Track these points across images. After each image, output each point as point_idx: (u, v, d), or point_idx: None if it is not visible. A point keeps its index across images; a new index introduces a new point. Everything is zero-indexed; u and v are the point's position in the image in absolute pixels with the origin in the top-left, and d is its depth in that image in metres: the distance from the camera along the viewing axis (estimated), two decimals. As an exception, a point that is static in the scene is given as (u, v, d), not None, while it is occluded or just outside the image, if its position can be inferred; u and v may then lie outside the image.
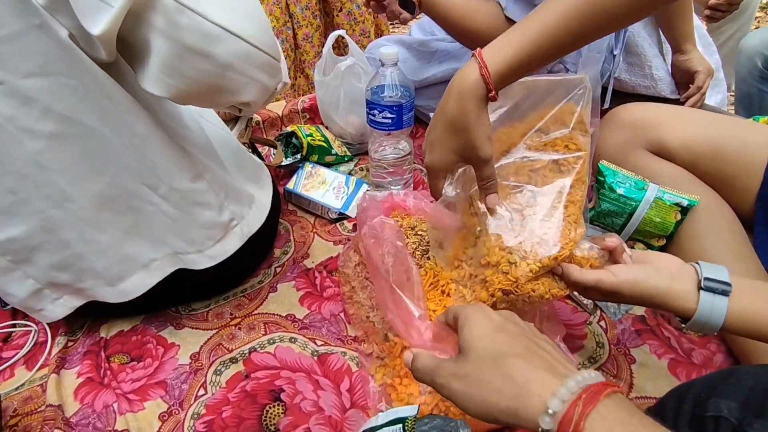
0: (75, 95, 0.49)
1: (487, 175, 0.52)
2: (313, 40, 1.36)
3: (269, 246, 0.82)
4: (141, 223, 0.60)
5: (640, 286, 0.46)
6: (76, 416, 0.59)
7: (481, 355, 0.34)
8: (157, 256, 0.62)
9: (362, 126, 1.02)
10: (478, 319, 0.37)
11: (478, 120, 0.50)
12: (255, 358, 0.65)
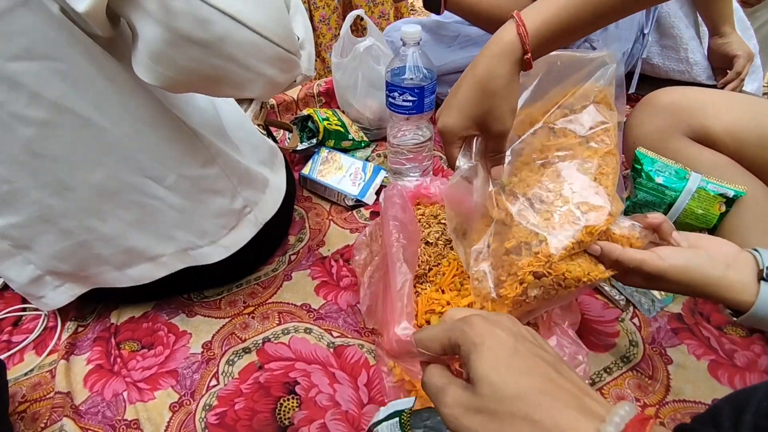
0: (66, 81, 0.45)
1: (498, 149, 0.49)
2: (330, 22, 1.32)
3: (284, 233, 0.79)
4: (146, 218, 0.56)
5: (690, 273, 0.42)
6: (85, 404, 0.58)
7: (498, 392, 0.28)
8: (166, 252, 0.60)
9: (380, 110, 0.98)
10: (486, 343, 0.30)
11: (508, 87, 0.46)
12: (269, 349, 0.62)
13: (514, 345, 0.30)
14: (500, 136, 0.48)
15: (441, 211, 0.67)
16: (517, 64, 0.46)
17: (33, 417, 0.57)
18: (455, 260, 0.61)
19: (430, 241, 0.63)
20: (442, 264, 0.61)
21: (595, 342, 0.61)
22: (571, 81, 0.51)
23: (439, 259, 0.62)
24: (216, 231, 0.61)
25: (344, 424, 0.54)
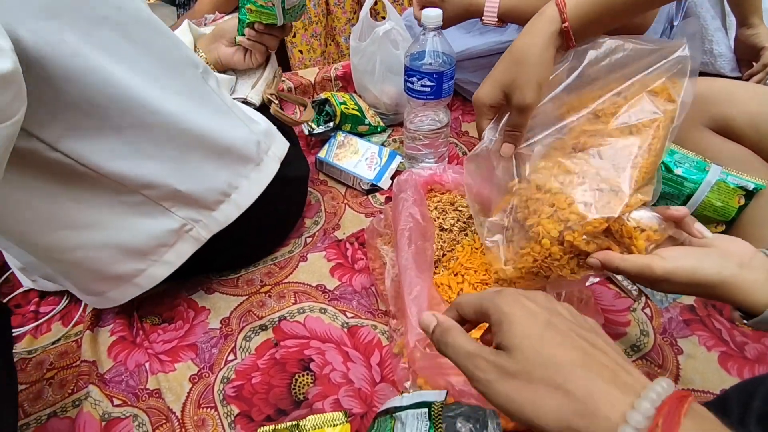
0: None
1: (517, 124, 0.49)
2: (345, 6, 1.31)
3: (297, 216, 0.80)
4: (83, 270, 0.54)
5: (697, 273, 0.41)
6: (109, 373, 0.60)
7: (531, 360, 0.29)
8: (118, 286, 0.58)
9: (397, 96, 0.98)
10: (518, 313, 0.31)
11: (540, 58, 0.46)
12: (284, 327, 0.64)
13: (548, 318, 0.31)
14: (521, 109, 0.48)
15: (458, 198, 0.68)
16: (553, 35, 0.46)
17: (61, 383, 0.60)
18: (469, 246, 0.62)
19: (445, 227, 0.64)
20: (456, 249, 0.62)
21: (606, 331, 0.61)
22: (633, 69, 0.49)
23: (453, 244, 0.63)
24: (154, 251, 0.57)
25: (357, 401, 0.56)
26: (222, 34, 0.71)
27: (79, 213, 0.50)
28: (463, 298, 0.36)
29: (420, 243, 0.54)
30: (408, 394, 0.46)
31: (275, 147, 0.66)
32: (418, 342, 0.46)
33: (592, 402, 0.26)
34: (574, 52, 0.50)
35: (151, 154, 0.51)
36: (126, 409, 0.56)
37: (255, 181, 0.62)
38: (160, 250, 0.57)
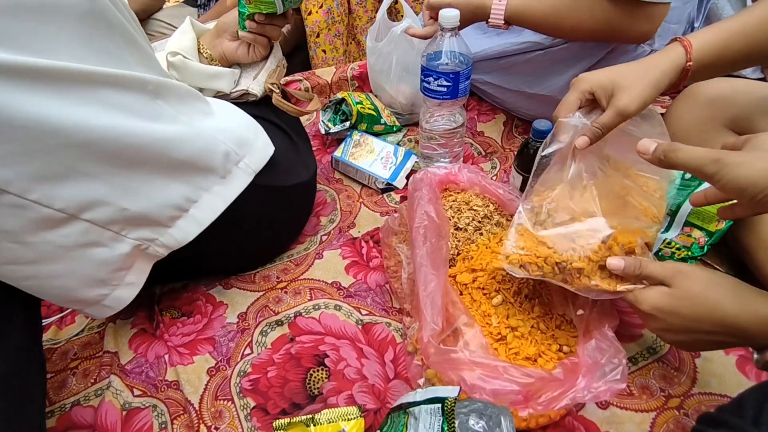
0: None
1: (606, 124, 0.51)
2: (367, 5, 1.32)
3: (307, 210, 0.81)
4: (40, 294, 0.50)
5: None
6: (130, 364, 0.62)
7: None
8: (84, 310, 0.55)
9: (413, 95, 0.99)
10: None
11: (657, 81, 0.51)
12: (300, 323, 0.65)
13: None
14: (619, 112, 0.51)
15: (473, 198, 0.68)
16: (675, 71, 0.51)
17: (84, 373, 0.62)
18: (484, 245, 0.62)
19: (460, 227, 0.64)
20: (470, 249, 0.62)
21: (621, 332, 0.61)
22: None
23: (468, 243, 0.63)
24: (113, 276, 0.53)
25: (371, 397, 0.56)
26: (224, 28, 0.70)
27: (19, 252, 0.45)
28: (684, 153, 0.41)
29: (435, 240, 0.55)
30: (421, 390, 0.47)
31: (250, 158, 0.60)
32: (432, 337, 0.47)
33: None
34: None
35: (87, 173, 0.45)
36: (146, 400, 0.58)
37: (218, 194, 0.57)
38: (118, 274, 0.53)
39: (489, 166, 0.92)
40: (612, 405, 0.54)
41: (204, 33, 0.72)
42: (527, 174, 0.77)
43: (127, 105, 0.47)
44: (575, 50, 0.85)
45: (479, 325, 0.53)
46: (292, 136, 0.75)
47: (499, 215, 0.66)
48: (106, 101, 0.45)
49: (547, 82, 0.90)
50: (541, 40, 0.91)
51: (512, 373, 0.41)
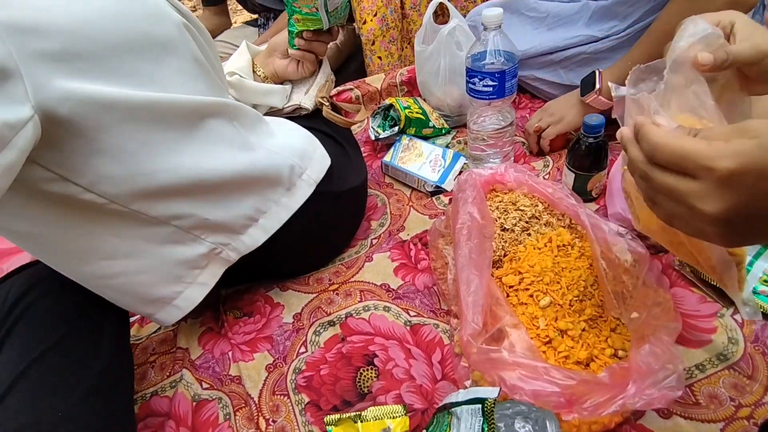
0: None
1: (737, 53, 0.42)
2: (421, 8, 1.33)
3: (359, 216, 0.83)
4: (123, 294, 0.57)
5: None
6: (199, 359, 0.68)
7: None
8: (155, 312, 0.60)
9: (461, 97, 0.99)
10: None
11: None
12: (351, 323, 0.67)
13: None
14: (757, 48, 0.42)
15: (520, 198, 0.67)
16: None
17: (161, 366, 0.68)
18: (532, 246, 0.61)
19: (507, 227, 0.64)
20: (518, 250, 0.61)
21: (687, 337, 0.57)
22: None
23: (515, 244, 0.62)
24: (188, 273, 0.59)
25: (418, 397, 0.57)
26: (275, 47, 0.76)
27: (117, 245, 0.53)
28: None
29: (478, 240, 0.55)
30: (463, 390, 0.47)
31: (311, 170, 0.66)
32: (471, 336, 0.47)
33: None
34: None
35: (181, 195, 0.53)
36: (212, 392, 0.63)
37: (284, 205, 0.63)
38: (193, 272, 0.60)
39: (541, 164, 0.90)
40: (675, 414, 0.51)
41: (257, 53, 0.78)
42: (579, 171, 0.75)
43: (225, 135, 0.56)
44: (630, 42, 0.81)
45: (526, 327, 0.52)
46: (342, 144, 0.79)
47: (549, 215, 0.65)
48: (210, 134, 0.54)
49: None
50: (595, 33, 0.87)
51: (554, 374, 0.40)
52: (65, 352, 0.48)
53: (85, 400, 0.46)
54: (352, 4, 1.30)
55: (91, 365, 0.48)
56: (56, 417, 0.43)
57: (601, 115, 0.71)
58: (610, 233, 0.60)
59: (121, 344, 0.57)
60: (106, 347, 0.52)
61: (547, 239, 0.61)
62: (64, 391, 0.45)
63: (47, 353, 0.47)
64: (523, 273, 0.58)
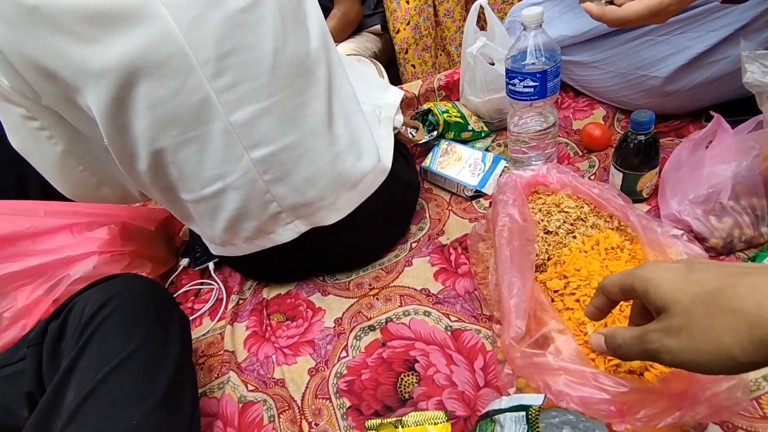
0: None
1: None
2: (454, 15, 1.33)
3: (407, 223, 0.84)
4: (354, 141, 0.66)
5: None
6: (245, 362, 0.70)
7: (687, 304, 0.30)
8: (367, 169, 0.68)
9: (500, 103, 0.97)
10: (659, 274, 0.33)
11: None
12: (391, 328, 0.67)
13: (686, 267, 0.32)
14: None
15: (564, 199, 0.64)
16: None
17: (209, 368, 0.71)
18: (577, 249, 0.58)
19: (550, 230, 0.61)
20: (562, 253, 0.59)
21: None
22: None
23: (559, 248, 0.60)
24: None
25: (460, 404, 0.56)
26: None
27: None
28: (607, 281, 0.38)
29: (520, 243, 0.53)
30: (507, 397, 0.46)
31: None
32: (514, 340, 0.45)
33: (762, 309, 0.27)
34: None
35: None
36: (258, 395, 0.65)
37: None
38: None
39: (586, 165, 0.86)
40: (739, 429, 0.47)
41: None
42: (628, 171, 0.71)
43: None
44: (696, 27, 0.76)
45: (572, 333, 0.50)
46: (400, 148, 0.82)
47: (596, 216, 0.62)
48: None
49: (666, 62, 0.81)
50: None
51: (603, 380, 0.38)
52: (139, 362, 0.50)
53: (156, 410, 0.48)
54: (386, 14, 1.32)
55: (160, 376, 0.51)
56: (131, 425, 0.45)
57: (651, 111, 0.68)
58: (663, 235, 0.57)
59: (186, 353, 0.60)
60: (173, 357, 0.54)
61: (594, 242, 0.59)
62: (138, 400, 0.47)
63: (124, 362, 0.49)
64: (569, 277, 0.56)
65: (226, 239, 0.69)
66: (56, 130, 0.58)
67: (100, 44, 0.48)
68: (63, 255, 0.76)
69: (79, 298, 0.56)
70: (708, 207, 0.62)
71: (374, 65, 1.02)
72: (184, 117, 0.54)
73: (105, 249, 0.80)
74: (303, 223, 0.68)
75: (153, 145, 0.56)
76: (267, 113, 0.57)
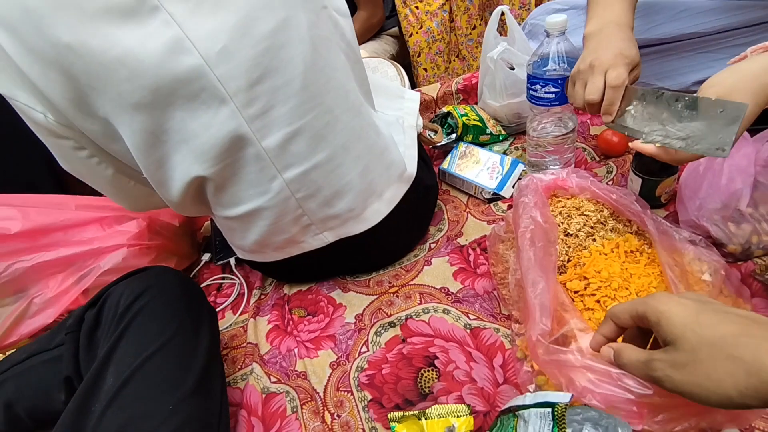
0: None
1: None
2: (472, 21, 1.35)
3: (426, 224, 0.86)
4: (375, 157, 0.67)
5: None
6: (267, 354, 0.72)
7: (694, 344, 0.34)
8: (390, 184, 0.70)
9: (519, 107, 0.98)
10: (673, 308, 0.36)
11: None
12: (411, 325, 0.69)
13: (701, 306, 0.36)
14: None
15: (583, 203, 0.66)
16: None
17: (232, 360, 0.73)
18: (597, 251, 0.60)
19: (570, 233, 0.63)
20: (582, 255, 0.60)
21: None
22: None
23: (579, 250, 0.61)
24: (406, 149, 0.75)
25: (480, 399, 0.58)
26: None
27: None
28: (617, 308, 0.41)
29: (543, 244, 0.55)
30: (531, 393, 0.47)
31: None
32: (541, 336, 0.47)
33: (759, 361, 0.30)
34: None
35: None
36: (280, 386, 0.67)
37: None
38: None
39: (604, 170, 0.88)
40: (757, 429, 0.48)
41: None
42: (647, 176, 0.73)
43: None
44: (718, 49, 0.78)
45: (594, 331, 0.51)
46: (423, 156, 0.83)
47: (615, 221, 0.63)
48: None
49: (684, 77, 0.83)
50: (681, 31, 0.82)
51: (627, 382, 0.39)
52: (173, 351, 0.52)
53: (190, 396, 0.50)
54: (399, 18, 1.34)
55: (193, 364, 0.53)
56: (166, 410, 0.48)
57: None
58: (680, 241, 0.58)
59: (215, 343, 0.62)
60: (204, 347, 0.56)
61: (614, 245, 0.60)
62: (173, 386, 0.50)
63: (160, 350, 0.51)
64: (589, 278, 0.57)
65: (256, 249, 0.71)
66: (104, 156, 0.59)
67: (132, 82, 0.49)
68: (93, 246, 0.79)
69: (114, 288, 0.58)
70: (726, 213, 0.63)
71: (395, 67, 1.04)
72: (218, 147, 0.55)
73: (133, 242, 0.82)
74: (331, 234, 0.70)
75: (188, 175, 0.57)
76: (299, 134, 0.58)
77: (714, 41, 0.78)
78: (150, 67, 0.48)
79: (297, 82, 0.55)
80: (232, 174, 0.59)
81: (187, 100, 0.51)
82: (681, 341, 0.34)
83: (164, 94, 0.50)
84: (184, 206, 0.63)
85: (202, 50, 0.49)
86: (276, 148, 0.58)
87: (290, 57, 0.54)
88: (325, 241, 0.70)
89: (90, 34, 0.46)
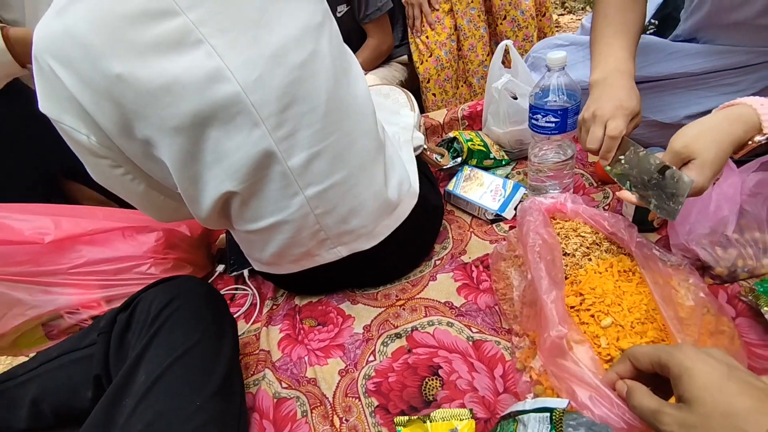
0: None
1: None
2: (477, 50, 1.42)
3: (431, 243, 0.90)
4: (389, 172, 0.73)
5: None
6: (279, 362, 0.75)
7: (710, 410, 0.33)
8: (402, 198, 0.75)
9: (521, 134, 1.04)
10: (698, 367, 0.35)
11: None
12: (416, 336, 0.73)
13: (727, 371, 0.35)
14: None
15: (580, 225, 0.70)
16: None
17: (245, 366, 0.77)
18: (593, 270, 0.64)
19: (568, 252, 0.67)
20: (578, 273, 0.65)
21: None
22: None
23: (576, 269, 0.65)
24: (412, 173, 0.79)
25: (481, 407, 0.61)
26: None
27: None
28: (638, 350, 0.41)
29: (551, 257, 0.60)
30: (530, 400, 0.51)
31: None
32: (558, 338, 0.51)
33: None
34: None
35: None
36: (291, 392, 0.70)
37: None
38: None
39: (601, 195, 0.93)
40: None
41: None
42: (640, 202, 0.77)
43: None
44: (708, 87, 0.84)
45: (589, 344, 0.55)
46: (426, 172, 0.89)
47: (609, 242, 0.68)
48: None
49: (675, 111, 0.89)
50: (673, 71, 0.88)
51: (627, 416, 0.42)
52: (200, 354, 0.57)
53: (214, 396, 0.54)
54: (410, 47, 1.42)
55: (217, 368, 0.57)
56: (193, 407, 0.52)
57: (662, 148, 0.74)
58: (663, 266, 0.62)
59: (235, 350, 0.66)
60: (226, 352, 0.61)
61: (609, 264, 0.64)
62: (199, 387, 0.54)
63: (187, 353, 0.56)
64: (585, 294, 0.61)
65: (272, 261, 0.76)
66: (138, 173, 0.64)
67: (175, 107, 0.54)
68: (116, 254, 0.84)
69: (144, 294, 0.63)
70: (714, 238, 0.68)
71: (405, 94, 1.10)
72: (249, 165, 0.60)
73: (152, 253, 0.87)
74: (345, 248, 0.74)
75: (219, 191, 0.62)
76: (321, 155, 0.63)
77: (702, 80, 0.84)
78: (192, 94, 0.54)
79: (321, 109, 0.61)
80: (259, 190, 0.64)
81: (224, 122, 0.56)
82: (697, 404, 0.34)
83: (203, 117, 0.55)
84: (209, 219, 0.68)
85: (240, 79, 0.55)
86: (300, 167, 0.63)
87: (316, 87, 0.60)
88: (339, 255, 0.74)
89: (139, 65, 0.51)
